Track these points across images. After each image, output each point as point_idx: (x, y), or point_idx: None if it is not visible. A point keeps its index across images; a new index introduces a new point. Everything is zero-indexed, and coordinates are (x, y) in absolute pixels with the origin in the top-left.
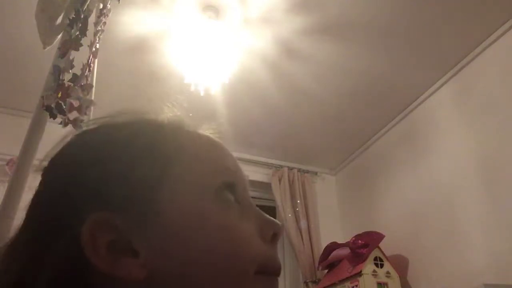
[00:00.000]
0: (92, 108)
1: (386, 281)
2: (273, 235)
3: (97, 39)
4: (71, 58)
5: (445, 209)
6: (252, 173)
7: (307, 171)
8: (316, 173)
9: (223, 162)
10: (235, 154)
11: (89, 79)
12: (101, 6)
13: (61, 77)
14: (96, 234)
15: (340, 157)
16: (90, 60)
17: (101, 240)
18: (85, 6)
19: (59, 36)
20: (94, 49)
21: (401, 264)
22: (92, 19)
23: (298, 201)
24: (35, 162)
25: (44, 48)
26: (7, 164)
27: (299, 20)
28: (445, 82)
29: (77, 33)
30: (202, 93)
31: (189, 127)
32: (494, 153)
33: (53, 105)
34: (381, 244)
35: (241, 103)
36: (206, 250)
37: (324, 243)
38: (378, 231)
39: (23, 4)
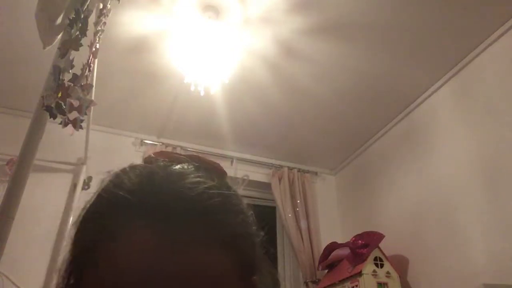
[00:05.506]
0: (92, 108)
1: (386, 281)
2: None
3: (97, 39)
4: (71, 58)
5: (445, 209)
6: (252, 173)
7: (307, 171)
8: (316, 173)
9: None
10: (235, 154)
11: (89, 79)
12: (101, 6)
13: (61, 77)
14: None
15: (340, 157)
16: (90, 60)
17: None
18: (85, 6)
19: (59, 36)
20: (94, 49)
21: (401, 264)
22: (92, 19)
23: (298, 201)
24: (35, 162)
25: (44, 48)
26: (7, 164)
27: (299, 20)
28: (445, 82)
29: (77, 33)
30: (202, 93)
31: None
32: (494, 152)
33: (53, 105)
34: (381, 244)
35: (241, 103)
36: None
37: (324, 243)
38: (378, 231)
39: (23, 4)
